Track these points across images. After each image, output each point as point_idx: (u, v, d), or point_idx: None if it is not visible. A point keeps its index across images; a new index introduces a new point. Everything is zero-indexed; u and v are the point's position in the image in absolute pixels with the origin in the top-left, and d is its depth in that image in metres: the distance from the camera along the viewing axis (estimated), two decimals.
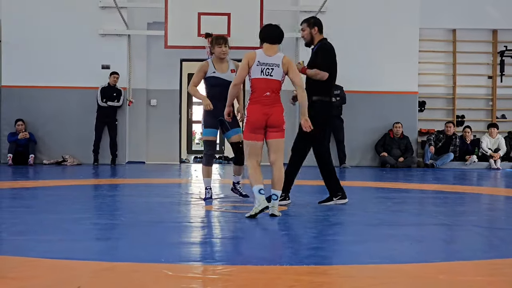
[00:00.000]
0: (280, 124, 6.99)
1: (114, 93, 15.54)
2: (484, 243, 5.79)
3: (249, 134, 6.99)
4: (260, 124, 6.96)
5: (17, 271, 4.30)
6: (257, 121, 6.94)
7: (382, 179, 12.57)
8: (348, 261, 4.78)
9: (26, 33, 15.64)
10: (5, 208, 7.85)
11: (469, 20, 16.91)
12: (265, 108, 6.94)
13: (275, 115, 6.96)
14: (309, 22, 8.57)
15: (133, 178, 12.37)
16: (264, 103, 6.95)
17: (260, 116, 6.93)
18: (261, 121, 6.94)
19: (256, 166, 6.96)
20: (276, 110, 6.98)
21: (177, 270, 4.36)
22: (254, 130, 6.97)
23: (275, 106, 6.99)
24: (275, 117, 6.96)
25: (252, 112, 6.97)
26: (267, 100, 6.96)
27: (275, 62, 7.03)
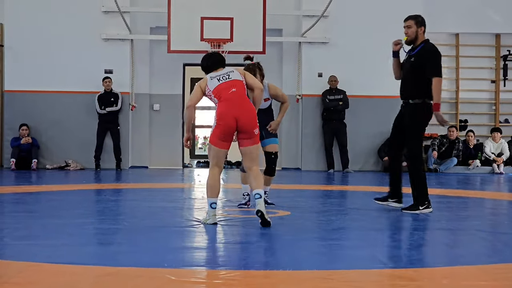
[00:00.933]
0: (251, 128, 6.73)
1: (111, 98, 15.53)
2: (488, 247, 5.78)
3: (218, 140, 6.73)
4: (230, 130, 6.70)
5: (20, 276, 4.30)
6: (226, 126, 6.68)
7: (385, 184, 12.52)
8: (351, 266, 4.77)
9: (29, 38, 15.66)
10: (8, 213, 7.86)
11: (472, 25, 16.91)
12: (234, 108, 6.67)
13: (246, 117, 6.69)
14: (417, 20, 8.48)
15: (136, 183, 12.37)
16: (233, 101, 6.69)
17: (230, 120, 6.66)
18: (231, 126, 6.68)
19: (217, 175, 6.78)
20: (246, 109, 6.72)
21: (180, 275, 4.36)
22: (224, 137, 6.70)
23: (245, 105, 6.74)
24: (246, 119, 6.70)
25: (221, 116, 6.68)
26: (234, 95, 6.71)
27: (228, 71, 6.90)
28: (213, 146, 6.76)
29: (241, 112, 6.67)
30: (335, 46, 16.10)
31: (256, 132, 6.76)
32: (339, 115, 15.81)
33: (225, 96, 6.73)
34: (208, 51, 14.82)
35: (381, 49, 16.10)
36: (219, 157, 6.77)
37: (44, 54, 15.65)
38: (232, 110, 6.67)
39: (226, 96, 6.73)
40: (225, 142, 6.72)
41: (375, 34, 16.07)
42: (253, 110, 6.78)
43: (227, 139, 6.73)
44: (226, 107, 6.69)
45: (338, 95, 15.76)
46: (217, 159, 6.77)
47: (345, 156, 15.84)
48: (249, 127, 6.72)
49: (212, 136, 6.76)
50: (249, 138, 6.76)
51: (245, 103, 6.75)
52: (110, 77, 15.54)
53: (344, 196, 10.46)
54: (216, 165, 6.78)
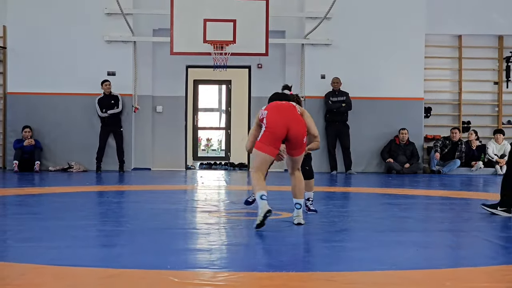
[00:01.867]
0: (302, 138, 6.61)
1: (112, 101, 15.52)
2: (491, 249, 5.77)
3: (263, 145, 6.55)
4: (279, 136, 6.54)
5: (23, 278, 4.30)
6: (276, 132, 6.51)
7: (388, 186, 12.56)
8: (354, 268, 4.77)
9: (31, 40, 15.67)
10: (11, 215, 7.87)
11: (474, 26, 16.90)
12: (285, 117, 6.56)
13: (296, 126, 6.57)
14: None
15: (139, 185, 12.37)
16: (283, 110, 6.62)
17: (280, 127, 6.51)
18: (281, 132, 6.53)
19: (261, 176, 6.59)
20: (297, 119, 6.61)
21: (183, 276, 4.36)
22: (269, 142, 6.52)
23: (295, 115, 6.63)
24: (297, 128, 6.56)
25: (271, 122, 6.56)
26: (283, 106, 6.68)
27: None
28: (258, 152, 6.58)
29: (291, 120, 6.56)
30: (338, 48, 16.10)
31: (304, 140, 6.66)
32: (342, 116, 15.81)
33: (274, 105, 6.72)
34: (211, 53, 14.94)
35: (384, 51, 16.15)
36: (263, 162, 6.60)
37: (47, 56, 15.65)
38: (283, 116, 6.57)
39: (275, 105, 6.72)
40: (272, 147, 6.54)
41: (378, 36, 16.07)
42: (303, 121, 6.66)
43: (276, 144, 6.56)
44: (276, 113, 6.61)
45: (341, 96, 15.75)
46: (260, 164, 6.60)
47: (348, 157, 15.84)
48: (300, 137, 6.59)
49: (259, 142, 6.60)
50: (298, 147, 6.64)
51: (294, 113, 6.65)
52: (109, 80, 15.54)
53: (347, 198, 10.46)
54: (259, 170, 6.59)
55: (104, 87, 15.45)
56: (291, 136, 6.54)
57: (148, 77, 16.44)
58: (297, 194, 6.75)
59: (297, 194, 6.75)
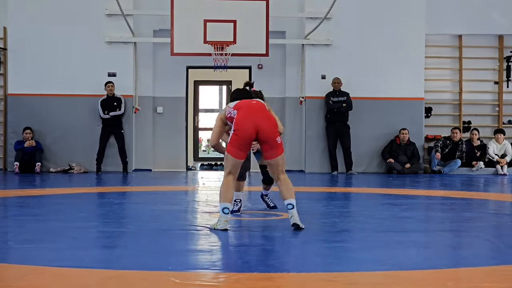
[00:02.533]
0: (273, 137, 6.52)
1: (114, 103, 15.52)
2: (492, 249, 5.77)
3: (234, 149, 6.51)
4: (248, 139, 6.49)
5: (24, 280, 4.31)
6: (245, 134, 6.48)
7: (389, 186, 12.56)
8: (355, 268, 4.78)
9: (32, 41, 15.67)
10: (12, 217, 7.87)
11: (475, 26, 16.89)
12: (254, 116, 6.52)
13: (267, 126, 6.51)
14: None
15: (139, 186, 12.38)
16: (252, 109, 6.58)
17: (248, 128, 6.47)
18: (250, 134, 6.48)
19: (231, 182, 6.55)
20: (266, 118, 6.56)
21: (184, 278, 4.37)
22: (240, 146, 6.50)
23: (265, 114, 6.60)
24: (267, 128, 6.50)
25: (239, 123, 6.53)
26: (254, 105, 6.65)
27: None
28: (229, 156, 6.55)
29: (261, 120, 6.50)
30: (338, 48, 16.10)
31: (278, 141, 6.56)
32: (343, 117, 15.80)
33: (244, 105, 6.64)
34: (211, 54, 14.94)
35: (384, 51, 16.15)
36: (234, 166, 6.57)
37: (48, 57, 15.66)
38: (252, 117, 6.52)
39: (244, 105, 6.65)
40: (242, 151, 6.53)
41: (379, 36, 16.07)
42: (273, 120, 6.61)
43: (244, 148, 6.54)
44: (245, 115, 6.54)
45: (341, 97, 15.75)
46: (231, 168, 6.57)
47: (348, 158, 15.84)
48: (271, 135, 6.51)
49: (229, 145, 6.58)
50: (273, 148, 6.55)
51: (265, 112, 6.62)
52: (113, 82, 15.54)
53: (348, 198, 10.46)
54: (231, 173, 6.58)
55: (107, 88, 15.45)
56: (262, 137, 6.49)
57: (148, 78, 16.44)
58: (286, 195, 6.64)
59: (286, 194, 6.64)
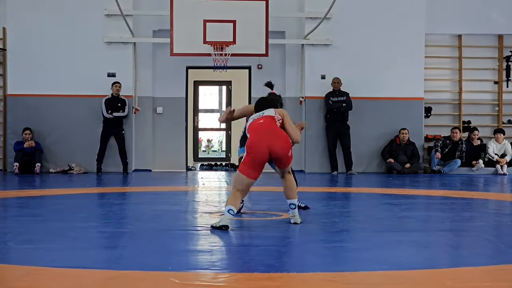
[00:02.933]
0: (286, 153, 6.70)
1: (119, 103, 15.51)
2: (491, 248, 5.77)
3: (247, 169, 6.62)
4: (262, 159, 6.64)
5: (24, 280, 4.31)
6: (258, 155, 6.62)
7: (389, 186, 12.56)
8: (355, 268, 4.78)
9: (31, 41, 15.67)
10: (12, 217, 7.87)
11: (474, 26, 16.89)
12: (265, 136, 6.66)
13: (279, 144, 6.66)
14: None
15: (139, 186, 12.37)
16: (261, 130, 6.73)
17: (261, 149, 6.62)
18: (264, 154, 6.63)
19: (239, 198, 6.70)
20: (278, 135, 6.70)
21: (184, 278, 4.37)
22: (254, 166, 6.63)
23: (275, 131, 6.74)
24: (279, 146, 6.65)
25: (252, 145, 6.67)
26: (261, 125, 6.78)
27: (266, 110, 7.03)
28: (241, 175, 6.66)
29: (272, 140, 6.64)
30: (338, 48, 16.10)
31: (289, 153, 6.73)
32: (343, 117, 15.80)
33: (255, 128, 6.79)
34: (211, 54, 14.94)
35: (384, 51, 16.15)
36: (245, 185, 6.67)
37: (47, 57, 15.65)
38: (263, 138, 6.65)
39: (256, 127, 6.79)
40: (255, 171, 6.64)
41: (378, 36, 16.07)
42: (285, 135, 6.74)
43: (258, 169, 6.65)
44: (256, 137, 6.69)
45: (341, 96, 15.75)
46: (241, 186, 6.66)
47: (348, 158, 15.83)
48: (283, 152, 6.68)
49: (242, 164, 6.70)
50: (285, 162, 6.77)
51: (275, 129, 6.75)
52: (120, 82, 15.52)
53: (347, 198, 10.46)
54: (239, 190, 6.68)
55: (114, 88, 15.44)
56: (274, 155, 6.66)
57: (148, 78, 16.43)
58: (289, 195, 6.93)
59: (289, 194, 6.93)
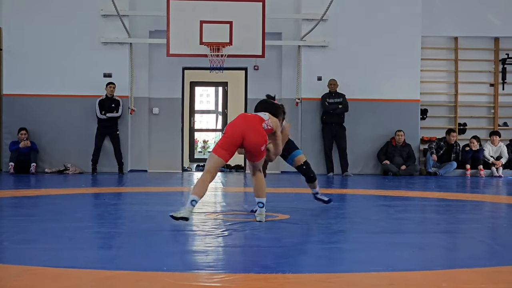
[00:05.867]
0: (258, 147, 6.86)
1: (113, 104, 15.51)
2: (487, 250, 5.78)
3: (218, 148, 6.85)
4: (234, 141, 6.83)
5: (19, 280, 4.30)
6: (232, 136, 6.84)
7: (385, 187, 12.56)
8: (350, 269, 4.77)
9: (27, 41, 15.67)
10: (7, 217, 7.85)
11: (471, 28, 16.93)
12: (244, 124, 6.89)
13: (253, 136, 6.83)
14: None
15: (135, 187, 12.36)
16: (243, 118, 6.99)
17: (236, 132, 6.83)
18: (237, 138, 6.83)
19: (207, 181, 6.79)
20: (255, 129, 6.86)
21: (179, 278, 4.36)
22: (225, 146, 6.83)
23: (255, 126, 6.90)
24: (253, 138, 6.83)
25: (230, 125, 6.98)
26: (246, 116, 7.06)
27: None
28: (214, 155, 6.85)
29: (249, 129, 6.82)
30: (334, 50, 16.12)
31: (263, 149, 6.89)
32: (339, 118, 15.81)
33: (240, 115, 7.11)
34: (207, 55, 14.94)
35: (380, 53, 16.17)
36: (214, 163, 6.83)
37: (43, 57, 15.65)
38: (241, 123, 6.88)
39: (240, 116, 7.09)
40: (226, 153, 6.82)
41: (375, 38, 16.10)
42: (263, 132, 6.87)
43: (229, 150, 6.82)
44: (236, 120, 6.98)
45: (337, 98, 15.76)
46: (210, 165, 6.84)
47: (344, 159, 15.84)
48: (255, 146, 6.84)
49: (216, 145, 6.92)
50: (255, 155, 6.91)
51: (256, 124, 6.89)
52: (114, 83, 15.51)
53: (343, 199, 10.46)
54: (208, 171, 6.83)
55: (108, 89, 15.44)
56: (246, 145, 6.83)
57: (144, 79, 16.44)
58: (257, 194, 7.04)
59: (257, 193, 7.04)
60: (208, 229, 6.52)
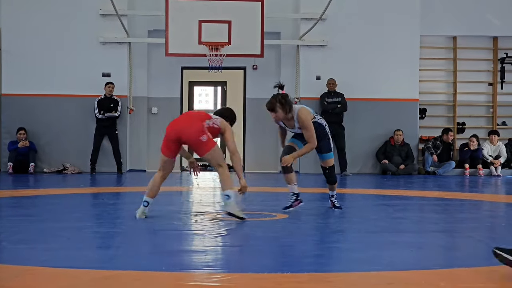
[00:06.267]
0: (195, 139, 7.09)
1: (111, 104, 15.50)
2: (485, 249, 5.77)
3: (163, 147, 7.27)
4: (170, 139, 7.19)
5: (17, 280, 4.30)
6: (168, 135, 7.21)
7: (383, 187, 12.57)
8: (349, 269, 4.78)
9: (26, 41, 15.65)
10: (5, 217, 7.85)
11: (469, 27, 16.92)
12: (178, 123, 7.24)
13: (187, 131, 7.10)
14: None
15: (134, 187, 12.35)
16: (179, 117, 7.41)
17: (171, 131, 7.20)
18: (171, 136, 7.18)
19: (158, 179, 7.35)
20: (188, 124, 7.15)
21: (178, 278, 4.36)
22: (166, 145, 7.22)
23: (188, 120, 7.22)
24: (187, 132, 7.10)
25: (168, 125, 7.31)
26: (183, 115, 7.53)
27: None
28: (161, 153, 7.34)
29: (183, 128, 7.11)
30: (333, 49, 16.11)
31: (203, 139, 7.08)
32: (337, 118, 15.80)
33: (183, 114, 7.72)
34: (206, 55, 14.94)
35: (379, 52, 16.16)
36: (163, 162, 7.32)
37: (42, 57, 15.64)
38: (179, 122, 7.26)
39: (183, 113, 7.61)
40: (167, 150, 7.23)
41: (373, 37, 16.09)
42: (196, 124, 7.10)
43: (169, 147, 7.21)
44: (177, 118, 7.45)
45: (336, 97, 15.76)
46: (161, 164, 7.37)
47: (343, 159, 15.83)
48: (192, 137, 7.08)
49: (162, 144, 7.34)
50: (198, 148, 7.15)
51: (190, 121, 7.18)
52: (113, 83, 15.50)
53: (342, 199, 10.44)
54: (160, 170, 7.39)
55: (106, 88, 15.43)
56: (185, 140, 7.15)
57: (143, 78, 16.43)
58: (222, 186, 7.29)
59: (222, 186, 7.29)
60: (207, 229, 6.53)
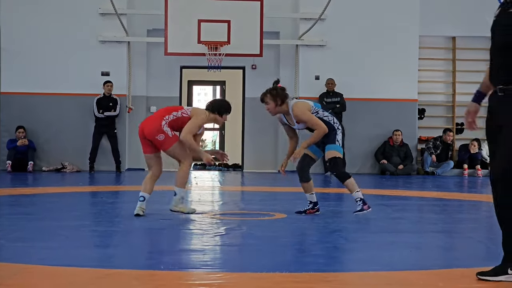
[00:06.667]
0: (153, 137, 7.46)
1: (110, 103, 15.48)
2: (483, 250, 5.78)
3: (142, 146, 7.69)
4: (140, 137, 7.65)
5: (15, 278, 4.29)
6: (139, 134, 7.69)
7: (382, 187, 12.57)
8: (348, 268, 4.78)
9: (25, 39, 15.63)
10: (4, 215, 7.85)
11: (468, 28, 16.90)
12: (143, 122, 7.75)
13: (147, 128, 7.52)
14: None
15: (132, 185, 12.35)
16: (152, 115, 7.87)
17: (139, 130, 7.67)
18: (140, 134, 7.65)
19: (148, 176, 7.76)
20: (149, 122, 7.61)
21: (176, 277, 4.36)
22: (142, 142, 7.67)
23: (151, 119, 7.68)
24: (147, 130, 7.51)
25: None
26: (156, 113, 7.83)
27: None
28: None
29: (144, 126, 7.53)
30: (332, 49, 16.10)
31: (159, 138, 7.44)
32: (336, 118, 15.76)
33: None
34: (205, 54, 14.93)
35: (378, 52, 16.15)
36: (145, 159, 7.85)
37: (41, 56, 15.62)
38: (142, 122, 7.71)
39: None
40: (143, 146, 7.66)
41: (372, 37, 16.08)
42: (155, 122, 7.45)
43: (143, 144, 7.62)
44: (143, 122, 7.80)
45: (335, 98, 15.75)
46: (146, 162, 7.94)
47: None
48: (150, 136, 7.46)
49: None
50: (158, 145, 7.55)
51: (151, 118, 7.65)
52: (112, 82, 15.48)
53: (340, 199, 10.47)
54: (148, 166, 7.95)
55: (105, 87, 15.41)
56: (148, 138, 7.53)
57: (142, 77, 16.42)
58: (175, 182, 7.65)
59: (175, 182, 7.66)
60: (205, 228, 6.53)
